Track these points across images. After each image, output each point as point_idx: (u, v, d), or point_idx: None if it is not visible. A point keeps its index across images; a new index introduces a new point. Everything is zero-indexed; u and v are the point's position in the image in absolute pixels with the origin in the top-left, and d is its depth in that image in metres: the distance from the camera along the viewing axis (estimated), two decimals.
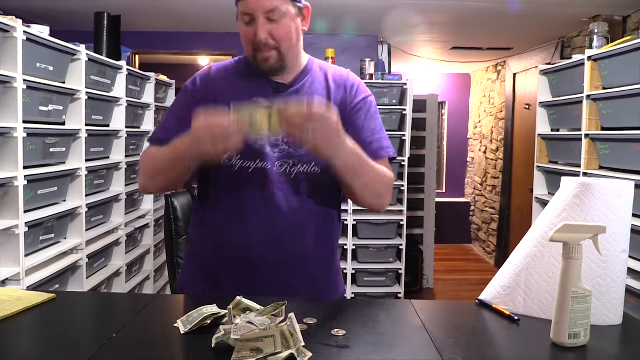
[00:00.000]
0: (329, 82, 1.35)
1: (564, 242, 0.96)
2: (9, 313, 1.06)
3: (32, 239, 2.19)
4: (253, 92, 1.29)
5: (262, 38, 1.21)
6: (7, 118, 2.00)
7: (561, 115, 3.10)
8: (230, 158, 1.26)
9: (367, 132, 1.33)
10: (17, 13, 2.28)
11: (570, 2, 3.20)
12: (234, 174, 1.27)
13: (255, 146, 1.25)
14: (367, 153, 1.27)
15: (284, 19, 1.22)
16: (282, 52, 1.25)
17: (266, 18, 1.21)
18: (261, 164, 1.26)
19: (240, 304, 1.01)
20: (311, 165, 1.28)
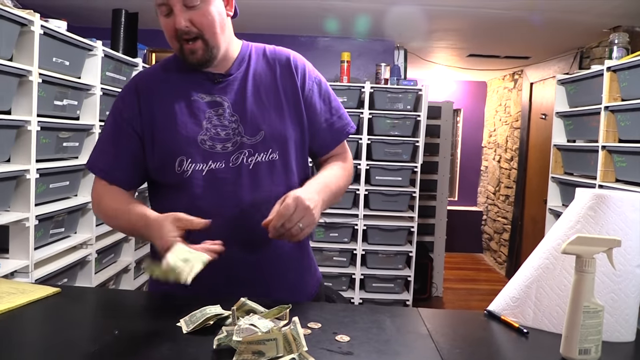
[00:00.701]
0: (271, 65, 1.28)
1: (577, 254, 0.93)
2: (13, 305, 1.06)
3: (42, 232, 2.20)
4: (190, 88, 1.23)
5: (182, 26, 1.14)
6: (22, 111, 2.02)
7: (578, 125, 3.05)
8: (181, 164, 1.19)
9: (326, 113, 1.31)
10: (37, 8, 2.30)
11: (591, 11, 3.16)
12: (187, 181, 1.19)
13: (205, 147, 1.19)
14: (330, 135, 1.31)
15: (203, 4, 1.15)
16: (208, 40, 1.17)
17: (183, 5, 1.14)
18: (214, 165, 1.19)
19: (244, 306, 0.99)
20: (268, 153, 1.22)
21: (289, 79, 1.27)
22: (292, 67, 1.28)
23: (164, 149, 1.21)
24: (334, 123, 1.32)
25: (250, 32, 4.04)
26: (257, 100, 1.23)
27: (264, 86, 1.25)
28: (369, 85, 3.69)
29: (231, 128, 1.21)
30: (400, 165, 3.74)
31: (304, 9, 3.47)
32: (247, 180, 1.20)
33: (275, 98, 1.25)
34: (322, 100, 1.31)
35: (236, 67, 1.26)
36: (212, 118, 1.21)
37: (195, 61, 1.19)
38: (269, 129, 1.22)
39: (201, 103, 1.22)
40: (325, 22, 3.79)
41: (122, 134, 1.23)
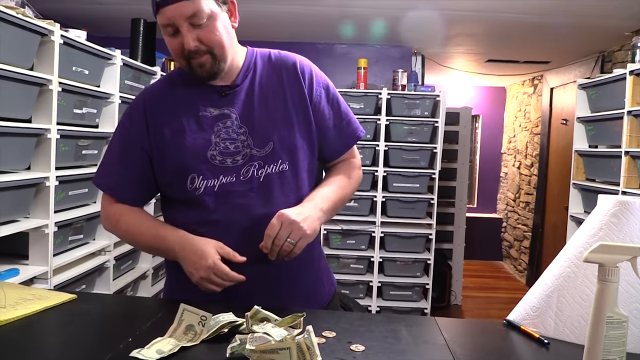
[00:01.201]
0: (277, 72, 1.26)
1: (600, 263, 0.90)
2: (30, 311, 1.07)
3: (61, 239, 2.22)
4: (197, 102, 1.22)
5: (191, 47, 1.12)
6: (42, 119, 2.04)
7: (600, 131, 2.99)
8: (192, 181, 1.19)
9: (335, 118, 1.29)
10: (57, 18, 2.34)
11: (612, 14, 3.10)
12: (200, 197, 1.19)
13: (215, 162, 1.19)
14: (339, 140, 1.30)
15: (209, 21, 1.13)
16: (216, 55, 1.16)
17: (190, 25, 1.11)
18: (225, 179, 1.19)
19: (258, 313, 0.98)
20: (278, 164, 1.21)
21: (296, 85, 1.25)
22: (299, 72, 1.26)
23: (175, 167, 1.20)
24: (343, 128, 1.31)
25: (268, 40, 4.06)
26: (264, 110, 1.22)
27: (271, 94, 1.23)
28: (386, 92, 3.67)
29: (240, 140, 1.20)
30: (418, 172, 3.71)
31: (321, 17, 3.47)
32: (259, 193, 1.19)
33: (283, 106, 1.23)
34: (331, 106, 1.29)
35: (242, 77, 1.24)
36: (220, 132, 1.20)
37: (205, 74, 1.18)
38: (278, 139, 1.21)
39: (209, 117, 1.21)
40: (342, 28, 3.79)
41: (129, 151, 1.23)
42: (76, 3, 3.36)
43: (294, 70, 1.26)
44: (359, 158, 1.39)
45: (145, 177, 1.24)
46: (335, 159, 1.34)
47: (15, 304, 1.09)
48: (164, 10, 1.11)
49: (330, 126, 1.29)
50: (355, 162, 1.36)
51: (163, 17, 1.12)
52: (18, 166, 1.98)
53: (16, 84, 1.86)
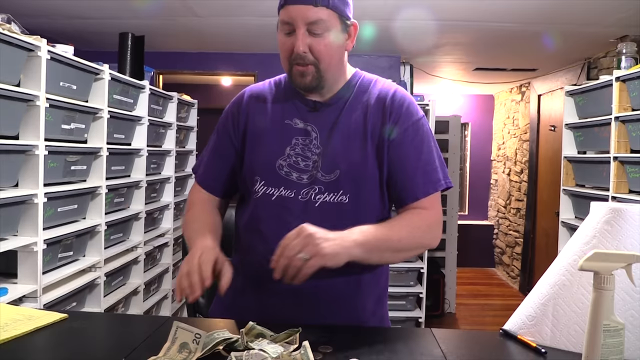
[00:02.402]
0: (369, 100, 1.21)
1: (595, 271, 0.90)
2: (20, 332, 1.04)
3: (50, 256, 2.19)
4: (286, 112, 1.22)
5: (300, 51, 1.11)
6: (30, 136, 2.02)
7: (588, 137, 3.02)
8: (254, 183, 1.20)
9: (412, 164, 1.19)
10: (43, 33, 2.32)
11: (597, 22, 3.15)
12: (257, 201, 1.20)
13: (281, 172, 1.18)
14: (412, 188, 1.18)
15: (327, 33, 1.12)
16: (321, 69, 1.14)
17: (308, 30, 1.11)
18: (285, 192, 1.17)
19: (253, 329, 0.97)
20: (338, 194, 1.16)
21: (381, 116, 1.19)
22: (389, 103, 1.20)
23: (246, 166, 1.23)
24: (423, 173, 1.19)
25: (258, 52, 4.07)
26: (344, 137, 1.18)
27: (355, 122, 1.19)
28: None
29: (312, 160, 1.17)
30: None
31: None
32: (312, 218, 1.11)
33: (362, 136, 1.18)
34: (413, 147, 1.19)
35: (337, 97, 1.21)
36: (297, 146, 1.19)
37: (303, 85, 1.16)
38: (346, 169, 1.16)
39: (293, 128, 1.20)
40: None
41: (222, 147, 1.27)
42: (63, 18, 3.34)
43: (384, 99, 1.21)
44: (437, 211, 1.22)
45: (234, 173, 1.27)
46: (406, 204, 1.21)
47: (5, 325, 1.07)
48: (289, 8, 1.11)
49: (409, 167, 1.19)
50: (428, 214, 1.20)
51: (285, 14, 1.12)
52: (6, 183, 1.95)
53: (3, 100, 1.84)
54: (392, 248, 1.14)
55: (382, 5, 2.94)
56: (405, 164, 1.19)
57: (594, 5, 2.82)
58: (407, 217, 1.19)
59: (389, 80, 1.28)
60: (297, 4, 1.10)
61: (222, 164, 1.28)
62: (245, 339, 0.93)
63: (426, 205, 1.20)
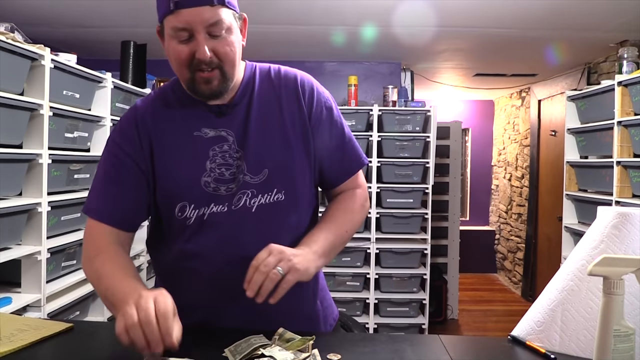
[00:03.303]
0: (276, 90, 1.15)
1: (605, 276, 0.90)
2: (26, 343, 1.04)
3: (54, 265, 2.18)
4: (192, 122, 1.10)
5: (206, 57, 1.00)
6: (33, 144, 2.03)
7: (590, 141, 3.02)
8: (182, 210, 1.08)
9: (337, 143, 1.18)
10: (47, 42, 2.33)
11: (597, 27, 3.16)
12: (188, 227, 1.09)
13: (208, 189, 1.08)
14: (342, 168, 1.20)
15: (227, 34, 1.03)
16: (226, 71, 1.05)
17: (207, 33, 1.01)
18: (216, 208, 1.08)
19: (285, 334, 0.98)
20: (273, 194, 1.10)
21: (296, 104, 1.14)
22: (299, 90, 1.16)
23: (164, 193, 1.10)
24: (345, 153, 1.20)
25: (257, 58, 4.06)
26: (260, 133, 1.11)
27: (269, 115, 1.13)
28: (377, 108, 3.69)
29: (235, 166, 1.09)
30: (411, 187, 3.71)
31: (310, 35, 3.49)
32: (250, 225, 1.08)
33: (281, 128, 1.13)
34: (332, 128, 1.18)
35: (240, 95, 1.13)
36: (216, 156, 1.09)
37: (209, 92, 1.06)
38: (274, 166, 1.10)
39: (204, 139, 1.10)
40: (331, 46, 3.82)
41: (123, 170, 1.10)
42: (65, 27, 3.35)
43: (294, 87, 1.16)
44: (364, 187, 1.25)
45: (143, 198, 1.12)
46: (336, 187, 1.22)
47: (10, 336, 1.07)
48: (183, 13, 0.99)
49: (331, 150, 1.17)
50: (359, 193, 1.22)
51: (179, 20, 0.99)
52: (9, 192, 1.95)
53: (7, 109, 1.84)
54: (342, 242, 1.16)
55: (382, 12, 2.95)
56: (331, 148, 1.18)
57: (594, 10, 2.83)
58: (344, 205, 1.19)
59: (284, 66, 1.21)
60: (192, 6, 0.98)
61: (125, 191, 1.10)
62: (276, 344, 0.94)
63: (354, 183, 1.22)
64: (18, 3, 2.84)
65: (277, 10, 2.93)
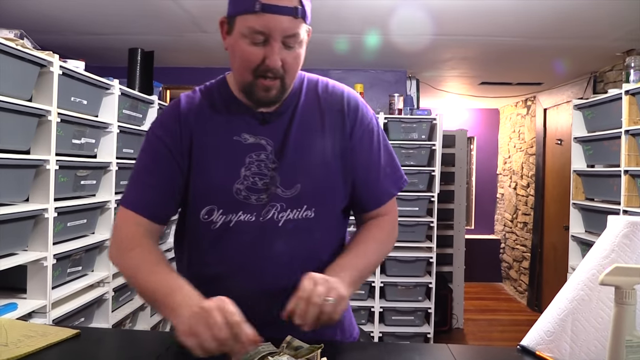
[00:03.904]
0: (321, 105, 1.13)
1: (616, 286, 0.89)
2: (33, 349, 1.04)
3: (59, 271, 2.18)
4: (235, 128, 1.09)
5: (277, 65, 1.00)
6: (41, 150, 2.03)
7: (598, 150, 3.01)
8: (210, 213, 1.07)
9: (369, 172, 1.14)
10: (55, 49, 2.34)
11: (603, 36, 3.15)
12: (212, 231, 1.07)
13: (239, 197, 1.06)
14: (376, 193, 1.15)
15: (298, 48, 1.03)
16: (286, 83, 1.04)
17: (282, 42, 1.00)
18: (244, 216, 1.06)
19: (293, 342, 0.97)
20: (302, 210, 1.07)
21: (339, 121, 1.12)
22: (345, 108, 1.13)
23: (195, 192, 1.09)
24: (382, 178, 1.15)
25: None
26: (299, 147, 1.08)
27: (310, 129, 1.10)
28: (383, 116, 3.69)
29: (270, 177, 1.07)
30: (416, 195, 3.70)
31: (314, 43, 3.51)
32: (275, 239, 1.06)
33: (320, 145, 1.10)
34: (371, 152, 1.14)
35: (286, 105, 1.10)
36: (252, 164, 1.07)
37: (265, 100, 1.05)
38: (308, 183, 1.08)
39: (242, 145, 1.08)
40: (336, 54, 3.83)
41: (161, 162, 1.09)
42: (74, 34, 3.38)
43: (340, 103, 1.13)
44: (394, 213, 1.20)
45: (178, 192, 1.10)
46: (368, 213, 1.18)
47: (17, 342, 1.06)
48: (266, 17, 0.97)
49: (367, 175, 1.14)
50: (387, 221, 1.18)
51: (260, 22, 0.97)
52: (17, 198, 1.96)
53: (15, 115, 1.85)
54: (368, 273, 1.12)
55: (387, 20, 2.95)
56: (368, 170, 1.14)
57: (600, 19, 2.83)
58: (371, 235, 1.15)
59: (332, 80, 1.19)
60: (278, 13, 0.97)
61: (162, 184, 1.09)
62: (284, 352, 0.93)
63: (385, 210, 1.18)
64: (28, 11, 2.86)
65: None
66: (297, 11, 0.99)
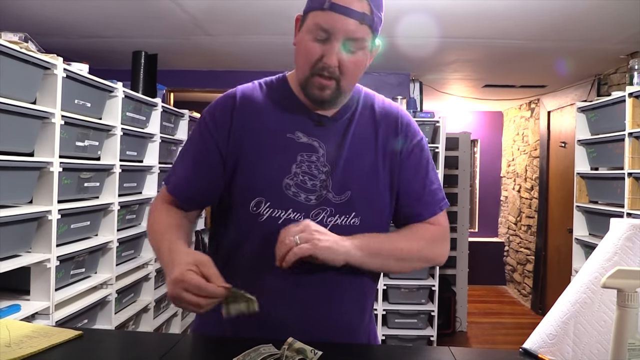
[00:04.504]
0: (376, 120, 1.16)
1: (619, 288, 0.89)
2: (35, 350, 1.04)
3: (63, 273, 2.19)
4: (290, 125, 1.10)
5: (333, 64, 1.01)
6: (44, 152, 2.04)
7: (601, 153, 3.00)
8: (258, 205, 1.08)
9: (417, 184, 1.16)
10: (59, 52, 2.36)
11: (607, 38, 3.15)
12: (260, 224, 1.07)
13: (288, 192, 1.07)
14: (412, 211, 1.16)
15: (359, 52, 1.04)
16: (342, 86, 1.06)
17: (343, 44, 1.02)
18: (293, 215, 1.07)
19: (294, 344, 0.97)
20: (350, 217, 1.09)
21: (392, 138, 1.15)
22: (399, 123, 1.16)
23: (244, 185, 1.09)
24: (422, 197, 1.16)
25: (266, 69, 4.10)
26: (353, 155, 1.11)
27: (365, 140, 1.13)
28: None
29: (320, 179, 1.08)
30: None
31: None
32: None
33: (373, 155, 1.12)
34: (419, 167, 1.17)
35: (343, 113, 1.13)
36: (303, 163, 1.08)
37: (319, 98, 1.06)
38: (358, 190, 1.10)
39: (296, 143, 1.09)
40: None
41: (205, 152, 1.11)
42: (78, 37, 3.39)
43: (395, 119, 1.17)
44: (443, 226, 1.20)
45: (216, 184, 1.12)
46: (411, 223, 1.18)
47: (20, 342, 1.07)
48: (332, 15, 1.00)
49: (412, 189, 1.16)
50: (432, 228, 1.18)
51: (325, 20, 1.00)
52: (20, 200, 1.96)
53: (19, 117, 1.86)
54: (394, 256, 1.10)
55: (391, 23, 2.96)
56: (413, 184, 1.16)
57: (604, 22, 2.83)
58: (412, 229, 1.16)
59: (388, 100, 1.23)
60: (344, 14, 0.99)
61: (203, 172, 1.12)
62: (285, 354, 0.93)
63: (432, 222, 1.18)
64: (32, 14, 2.87)
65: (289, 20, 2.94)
66: (365, 17, 1.01)
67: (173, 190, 1.15)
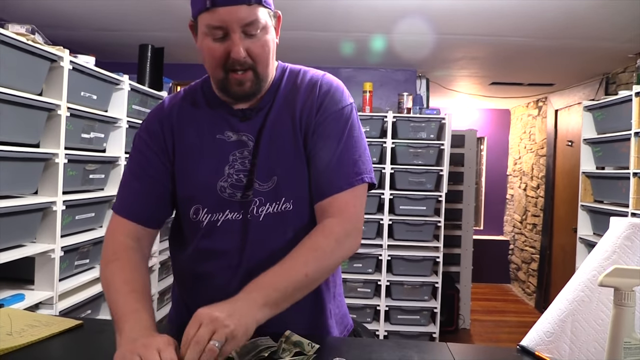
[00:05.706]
0: (297, 94, 1.10)
1: (615, 287, 0.89)
2: (36, 338, 1.05)
3: (67, 264, 2.21)
4: (216, 124, 1.08)
5: (240, 56, 0.98)
6: (50, 144, 2.06)
7: (607, 152, 2.99)
8: (196, 212, 1.08)
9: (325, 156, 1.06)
10: (66, 44, 2.37)
11: (615, 38, 3.12)
12: (202, 229, 1.08)
13: (224, 195, 1.06)
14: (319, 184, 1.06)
15: (262, 33, 1.00)
16: (259, 72, 1.02)
17: (243, 32, 0.98)
18: (231, 215, 1.06)
19: (292, 337, 0.98)
20: (281, 203, 1.05)
21: (307, 111, 1.08)
22: (316, 92, 1.09)
23: (181, 193, 1.10)
24: (336, 167, 1.06)
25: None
26: (274, 138, 1.07)
27: (285, 120, 1.08)
28: (392, 115, 3.69)
29: (250, 172, 1.06)
30: (424, 195, 3.70)
31: (325, 42, 3.51)
32: (256, 235, 1.06)
33: (294, 134, 1.07)
34: (331, 138, 1.07)
35: (266, 99, 1.09)
36: (235, 162, 1.07)
37: (241, 94, 1.04)
38: (283, 174, 1.06)
39: (227, 143, 1.07)
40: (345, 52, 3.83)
41: (147, 166, 1.10)
42: (84, 30, 3.41)
43: (312, 89, 1.10)
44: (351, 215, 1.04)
45: (162, 196, 1.11)
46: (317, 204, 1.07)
47: (21, 331, 1.08)
48: (219, 11, 0.96)
49: (320, 160, 1.06)
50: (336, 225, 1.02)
51: (214, 18, 0.97)
52: (25, 191, 1.98)
53: (25, 109, 1.88)
54: (303, 287, 0.97)
55: (398, 19, 2.95)
56: (318, 157, 1.06)
57: (612, 21, 2.80)
58: (311, 242, 1.00)
59: (314, 70, 1.15)
60: (229, 5, 0.96)
61: (148, 187, 1.10)
62: (282, 347, 0.94)
63: (339, 207, 1.04)
64: (39, 6, 2.89)
65: (298, 16, 2.95)
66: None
67: (125, 214, 1.09)
